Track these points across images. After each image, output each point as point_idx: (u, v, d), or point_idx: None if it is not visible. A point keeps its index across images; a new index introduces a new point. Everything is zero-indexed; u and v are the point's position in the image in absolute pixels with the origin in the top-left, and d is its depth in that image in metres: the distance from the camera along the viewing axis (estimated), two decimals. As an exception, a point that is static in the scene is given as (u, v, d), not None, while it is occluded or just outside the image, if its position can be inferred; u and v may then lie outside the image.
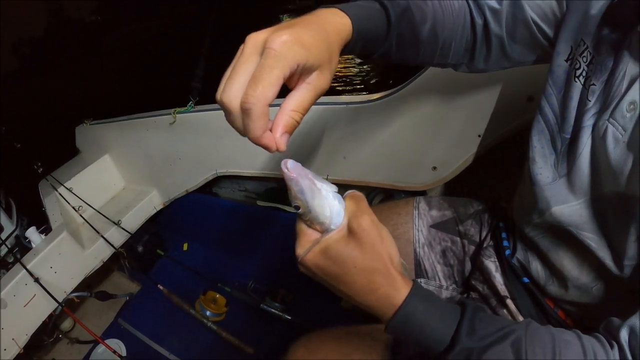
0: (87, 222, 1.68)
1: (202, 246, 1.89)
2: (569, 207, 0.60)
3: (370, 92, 1.23)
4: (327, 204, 0.46)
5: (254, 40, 0.43)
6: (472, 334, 0.44)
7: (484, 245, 0.83)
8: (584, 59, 0.57)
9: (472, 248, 0.86)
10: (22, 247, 1.71)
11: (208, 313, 1.54)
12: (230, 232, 1.87)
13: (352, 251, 0.46)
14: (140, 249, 1.80)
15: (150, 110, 1.82)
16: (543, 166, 0.64)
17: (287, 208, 1.79)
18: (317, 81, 0.45)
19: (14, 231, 1.90)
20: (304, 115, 0.45)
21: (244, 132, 0.43)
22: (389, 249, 0.47)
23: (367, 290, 0.47)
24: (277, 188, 1.85)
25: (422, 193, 1.28)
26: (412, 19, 0.60)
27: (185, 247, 1.92)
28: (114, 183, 2.00)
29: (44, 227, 1.75)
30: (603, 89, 0.54)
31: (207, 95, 1.67)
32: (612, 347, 0.42)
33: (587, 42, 0.57)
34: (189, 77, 1.66)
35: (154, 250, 1.85)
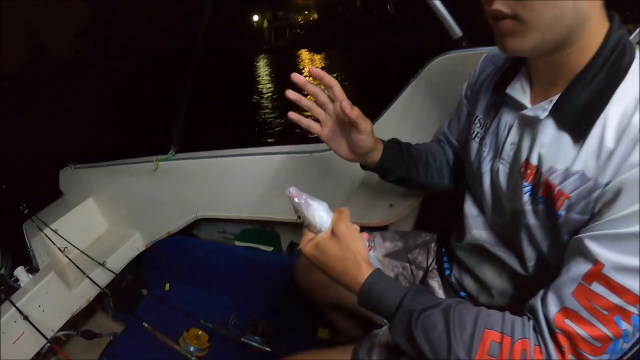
0: (73, 262, 1.82)
1: (184, 285, 2.04)
2: (485, 230, 0.85)
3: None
4: (317, 215, 0.72)
5: None
6: (414, 300, 0.67)
7: (430, 268, 1.06)
8: (477, 125, 0.85)
9: (421, 272, 1.09)
10: (7, 287, 1.80)
11: (192, 349, 1.67)
12: (210, 271, 2.03)
13: (333, 246, 0.71)
14: (124, 289, 1.94)
15: (132, 157, 2.02)
16: (471, 204, 0.90)
17: (263, 247, 1.98)
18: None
19: (-1, 270, 1.99)
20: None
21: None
22: (358, 246, 0.72)
23: (342, 273, 0.72)
24: (253, 229, 2.04)
25: (384, 227, 1.51)
26: (415, 149, 1.02)
27: (167, 287, 2.06)
28: (97, 225, 2.16)
29: (29, 267, 1.89)
30: (493, 139, 0.80)
31: (187, 144, 1.90)
32: (529, 319, 0.62)
33: (478, 115, 0.85)
34: (170, 126, 1.87)
35: (138, 290, 2.00)
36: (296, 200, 0.72)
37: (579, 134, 0.62)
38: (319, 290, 1.21)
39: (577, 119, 0.62)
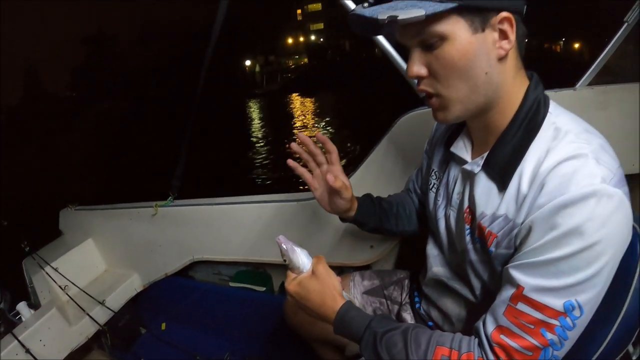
0: (73, 300, 1.92)
1: (180, 325, 2.13)
2: (443, 266, 1.01)
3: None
4: (300, 259, 0.90)
5: None
6: (379, 324, 0.82)
7: (403, 303, 1.23)
8: (434, 177, 1.03)
9: (396, 307, 1.25)
10: (6, 321, 1.88)
11: (188, 384, 1.76)
12: (206, 310, 2.14)
13: (313, 283, 0.88)
14: (121, 327, 2.05)
15: (132, 200, 2.18)
16: (432, 245, 1.06)
17: (256, 288, 2.10)
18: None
19: (-1, 305, 2.07)
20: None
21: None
22: (334, 282, 0.88)
23: (321, 304, 0.87)
24: (247, 271, 2.17)
25: (367, 267, 1.67)
26: (387, 202, 1.19)
27: (163, 326, 2.15)
28: (96, 265, 2.28)
29: (28, 302, 1.98)
30: (444, 189, 0.97)
31: (184, 191, 2.06)
32: (475, 338, 0.73)
33: (434, 168, 1.03)
34: (169, 174, 2.02)
35: (135, 329, 2.10)
36: (284, 246, 0.89)
37: (502, 184, 0.75)
38: (305, 327, 1.35)
39: (501, 172, 0.75)
